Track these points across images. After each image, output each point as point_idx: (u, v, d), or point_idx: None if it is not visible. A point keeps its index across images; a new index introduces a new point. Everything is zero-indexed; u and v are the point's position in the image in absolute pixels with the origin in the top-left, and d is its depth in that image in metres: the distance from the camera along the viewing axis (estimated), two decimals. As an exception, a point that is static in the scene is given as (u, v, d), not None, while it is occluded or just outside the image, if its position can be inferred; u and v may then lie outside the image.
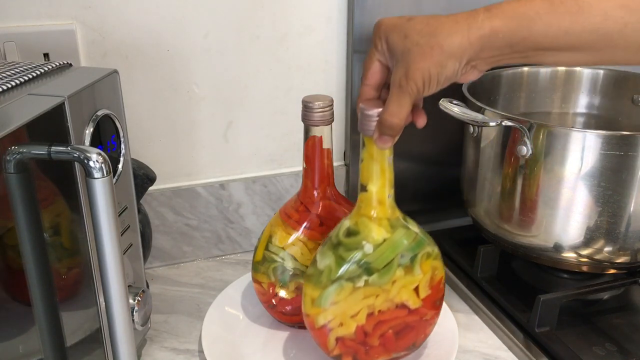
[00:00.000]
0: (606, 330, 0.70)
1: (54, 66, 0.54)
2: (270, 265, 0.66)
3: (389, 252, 0.57)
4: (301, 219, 0.66)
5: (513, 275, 0.81)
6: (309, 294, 0.58)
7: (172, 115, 0.79)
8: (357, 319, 0.58)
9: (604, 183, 0.66)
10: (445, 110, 0.70)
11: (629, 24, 0.44)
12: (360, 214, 0.58)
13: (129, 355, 0.49)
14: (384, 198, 0.57)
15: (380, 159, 0.55)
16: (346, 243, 0.57)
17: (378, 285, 0.57)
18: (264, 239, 0.68)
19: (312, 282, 0.58)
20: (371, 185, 0.57)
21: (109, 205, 0.44)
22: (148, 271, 0.82)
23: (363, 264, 0.57)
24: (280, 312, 0.69)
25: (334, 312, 0.57)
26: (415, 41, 0.48)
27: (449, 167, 0.90)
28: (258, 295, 0.70)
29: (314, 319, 0.58)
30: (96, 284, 0.53)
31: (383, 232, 0.57)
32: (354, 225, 0.58)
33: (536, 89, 0.89)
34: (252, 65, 0.80)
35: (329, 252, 0.58)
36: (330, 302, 0.57)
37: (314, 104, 0.62)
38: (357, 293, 0.57)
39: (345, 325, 0.58)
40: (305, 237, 0.66)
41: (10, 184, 0.42)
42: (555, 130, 0.67)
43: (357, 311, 0.58)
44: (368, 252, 0.57)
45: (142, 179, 0.68)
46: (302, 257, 0.66)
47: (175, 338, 0.71)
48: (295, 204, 0.67)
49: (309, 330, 0.60)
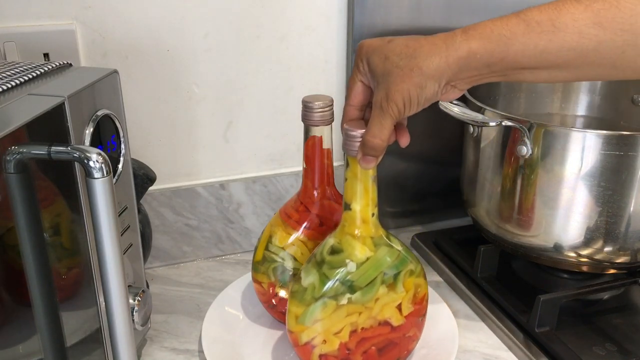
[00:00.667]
0: (606, 330, 0.70)
1: (54, 66, 0.54)
2: (270, 265, 0.67)
3: (372, 271, 0.57)
4: (301, 219, 0.66)
5: (513, 275, 0.81)
6: (293, 311, 0.59)
7: (172, 115, 0.79)
8: (340, 336, 0.58)
9: (604, 183, 0.66)
10: (445, 111, 0.70)
11: (603, 41, 0.45)
12: (344, 232, 0.58)
13: (129, 356, 0.49)
14: (367, 217, 0.58)
15: (364, 179, 0.56)
16: (330, 261, 0.58)
17: (361, 303, 0.58)
18: (264, 239, 0.68)
19: (297, 299, 0.58)
20: (355, 204, 0.57)
21: (109, 205, 0.44)
22: (148, 271, 0.82)
23: (346, 282, 0.57)
24: (280, 312, 0.69)
25: (318, 329, 0.58)
26: (395, 63, 0.49)
27: (449, 167, 0.90)
28: (258, 295, 0.70)
29: (298, 336, 0.59)
30: (96, 284, 0.53)
31: (366, 251, 0.58)
32: (337, 243, 0.58)
33: (536, 89, 0.89)
34: (252, 65, 0.80)
35: (313, 270, 0.58)
36: (314, 319, 0.57)
37: (314, 104, 0.62)
38: (340, 311, 0.57)
39: (329, 342, 0.59)
40: (305, 237, 0.66)
41: (10, 184, 0.42)
42: (555, 130, 0.67)
43: (340, 328, 0.58)
44: (351, 271, 0.57)
45: (142, 179, 0.68)
46: (302, 257, 0.66)
47: (175, 338, 0.71)
48: (295, 204, 0.67)
49: (292, 346, 0.61)
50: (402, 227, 0.94)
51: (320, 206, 0.66)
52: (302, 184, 0.67)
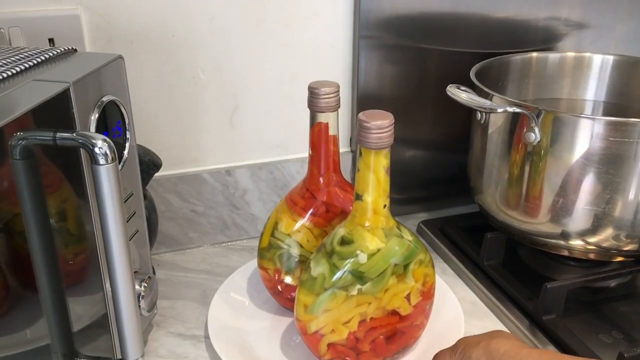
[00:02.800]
0: (613, 318, 0.70)
1: (59, 51, 0.54)
2: (276, 252, 0.67)
3: (383, 262, 0.57)
4: (307, 206, 0.66)
5: (519, 262, 0.80)
6: (302, 300, 0.58)
7: (178, 101, 0.78)
8: (349, 326, 0.58)
9: (613, 170, 0.65)
10: (453, 97, 0.70)
11: None
12: (354, 222, 0.58)
13: (135, 341, 0.49)
14: (379, 208, 0.57)
15: (377, 170, 0.55)
16: (340, 252, 0.57)
17: (371, 294, 0.58)
18: (269, 225, 0.68)
19: (306, 289, 0.58)
20: (367, 196, 0.56)
21: (114, 191, 0.44)
22: (154, 257, 0.82)
23: (357, 272, 0.57)
24: (285, 298, 0.69)
25: (326, 319, 0.58)
26: None
27: (455, 154, 0.89)
28: (264, 281, 0.70)
29: (306, 325, 0.59)
30: (102, 270, 0.53)
31: (377, 242, 0.57)
32: (348, 234, 0.58)
33: (545, 75, 0.88)
34: (258, 50, 0.79)
35: (322, 260, 0.58)
36: (323, 309, 0.57)
37: (320, 90, 0.61)
38: (350, 301, 0.57)
39: (337, 331, 0.59)
40: (311, 224, 0.66)
41: (16, 170, 0.42)
42: (563, 116, 0.66)
43: (350, 318, 0.58)
44: (362, 262, 0.57)
45: (148, 165, 0.68)
46: (308, 244, 0.66)
47: (181, 324, 0.71)
48: (301, 191, 0.67)
49: (300, 334, 0.61)
50: (408, 214, 0.94)
51: (326, 193, 0.66)
52: (308, 170, 0.67)
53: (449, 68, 0.86)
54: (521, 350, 0.52)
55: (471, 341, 0.56)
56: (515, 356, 0.52)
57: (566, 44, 0.91)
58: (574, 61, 0.88)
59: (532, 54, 0.87)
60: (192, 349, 0.67)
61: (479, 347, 0.54)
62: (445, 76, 0.77)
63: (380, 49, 0.82)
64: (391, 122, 0.53)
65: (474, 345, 0.55)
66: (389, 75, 0.84)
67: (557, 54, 0.88)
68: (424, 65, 0.86)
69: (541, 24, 0.89)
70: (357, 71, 0.83)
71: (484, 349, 0.54)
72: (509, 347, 0.53)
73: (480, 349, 0.54)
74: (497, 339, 0.54)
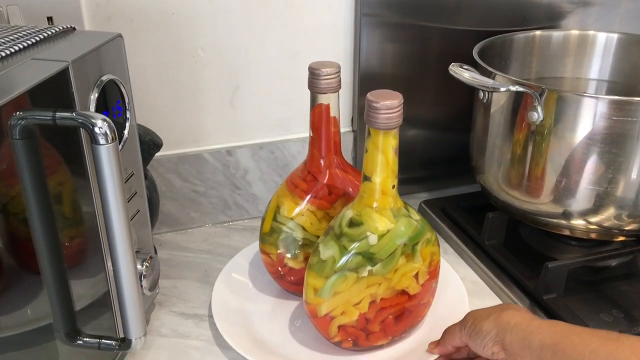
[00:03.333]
0: (613, 297, 0.70)
1: (58, 30, 0.53)
2: (279, 236, 0.66)
3: (393, 243, 0.57)
4: (309, 189, 0.66)
5: (521, 242, 0.80)
6: (311, 284, 0.58)
7: (178, 81, 0.78)
8: (359, 307, 0.59)
9: (616, 150, 0.65)
10: (455, 76, 0.69)
11: None
12: (363, 204, 0.58)
13: (137, 320, 0.50)
14: (388, 189, 0.57)
15: (386, 150, 0.55)
16: (349, 234, 0.57)
17: (381, 275, 0.58)
18: (271, 209, 0.67)
19: (314, 272, 0.58)
20: (375, 177, 0.56)
21: (115, 171, 0.44)
22: (156, 237, 0.82)
23: (367, 254, 0.57)
24: (288, 282, 0.69)
25: (337, 301, 0.58)
26: None
27: (457, 134, 0.89)
28: (266, 266, 0.70)
29: (316, 308, 0.59)
30: (104, 250, 0.53)
31: (386, 223, 0.57)
32: (357, 215, 0.58)
33: (549, 53, 0.87)
34: (259, 29, 0.78)
35: (332, 243, 0.58)
36: (334, 292, 0.57)
37: (321, 70, 0.60)
38: (360, 282, 0.57)
39: (348, 313, 0.59)
40: (314, 207, 0.66)
41: (16, 149, 0.42)
42: (566, 95, 0.66)
43: (360, 300, 0.58)
44: (372, 243, 0.57)
45: (149, 145, 0.68)
46: (312, 227, 0.66)
47: (183, 303, 0.71)
48: (303, 173, 0.67)
49: (309, 317, 0.61)
50: (410, 194, 0.94)
51: (328, 175, 0.66)
52: (309, 152, 0.66)
53: (452, 46, 0.85)
54: (532, 322, 0.53)
55: (481, 314, 0.56)
56: (526, 328, 0.52)
57: (570, 21, 0.90)
58: (577, 39, 0.87)
59: (536, 32, 0.86)
60: (194, 328, 0.68)
61: (489, 320, 0.55)
62: (447, 55, 0.76)
63: (382, 28, 0.81)
64: (400, 102, 0.53)
65: (484, 318, 0.55)
66: (390, 54, 0.84)
67: (560, 32, 0.87)
68: (426, 44, 0.85)
69: (545, 2, 0.88)
70: (359, 50, 0.82)
71: (495, 322, 0.54)
72: (519, 319, 0.53)
73: (491, 321, 0.55)
74: (508, 312, 0.55)
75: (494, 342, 0.54)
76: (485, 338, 0.54)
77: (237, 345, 0.61)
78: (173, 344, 0.66)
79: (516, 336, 0.52)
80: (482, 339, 0.55)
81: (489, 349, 0.54)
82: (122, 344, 0.50)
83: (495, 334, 0.54)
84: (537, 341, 0.50)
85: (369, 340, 0.61)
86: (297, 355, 0.63)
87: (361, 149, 0.88)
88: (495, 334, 0.54)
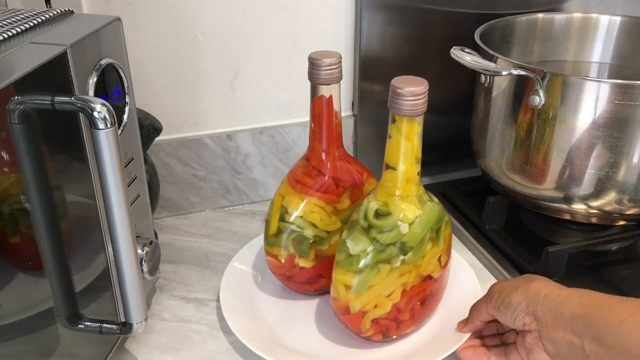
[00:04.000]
0: (613, 282, 0.70)
1: (56, 13, 0.53)
2: (290, 237, 0.63)
3: (422, 229, 0.56)
4: (316, 184, 0.63)
5: (521, 226, 0.80)
6: (341, 280, 0.57)
7: (178, 65, 0.77)
8: (392, 298, 0.58)
9: (617, 134, 0.65)
10: (457, 59, 0.69)
11: None
12: (388, 193, 0.56)
13: (138, 305, 0.50)
14: (413, 176, 0.56)
15: (411, 136, 0.54)
16: (379, 225, 0.56)
17: (412, 262, 0.57)
18: (275, 210, 0.64)
19: (343, 268, 0.57)
20: (402, 164, 0.55)
21: (114, 156, 0.44)
22: (156, 221, 0.82)
23: (399, 243, 0.56)
24: (297, 283, 0.67)
25: (370, 295, 0.57)
26: None
27: (459, 118, 0.88)
28: (273, 268, 0.67)
29: (349, 305, 0.57)
30: (105, 235, 0.53)
31: (414, 210, 0.56)
32: (383, 206, 0.56)
33: (551, 36, 0.86)
34: (258, 13, 0.78)
35: (361, 237, 0.56)
36: (368, 285, 0.56)
37: (322, 61, 0.58)
38: (393, 273, 0.56)
39: (381, 305, 0.58)
40: (323, 202, 0.63)
41: (15, 134, 0.42)
42: (569, 79, 0.66)
43: (392, 290, 0.57)
44: (404, 232, 0.56)
45: (148, 130, 0.68)
46: (322, 222, 0.63)
47: (184, 287, 0.72)
48: (306, 169, 0.64)
49: (338, 315, 0.59)
50: (411, 178, 0.94)
51: (333, 168, 0.63)
52: (310, 145, 0.64)
53: (453, 29, 0.84)
54: (561, 291, 0.52)
55: (507, 287, 0.56)
56: (556, 298, 0.52)
57: (572, 4, 0.90)
58: (580, 22, 0.86)
59: (538, 15, 0.85)
60: (195, 312, 0.68)
61: (518, 292, 0.54)
62: (449, 38, 0.76)
63: (383, 10, 0.81)
64: (426, 88, 0.52)
65: (512, 290, 0.55)
66: (391, 37, 0.83)
67: (563, 14, 0.86)
68: (428, 27, 0.84)
69: (547, -16, 0.87)
70: (360, 33, 0.82)
71: (524, 293, 0.54)
72: (549, 290, 0.53)
73: (520, 293, 0.54)
74: (535, 283, 0.54)
75: (525, 314, 0.53)
76: (515, 310, 0.54)
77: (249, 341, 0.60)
78: (174, 328, 0.66)
79: (547, 307, 0.52)
80: (512, 311, 0.54)
81: (520, 320, 0.54)
82: (123, 328, 0.50)
83: (525, 305, 0.53)
84: (569, 311, 0.50)
85: (399, 330, 0.61)
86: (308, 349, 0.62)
87: (362, 134, 0.88)
88: (526, 305, 0.53)
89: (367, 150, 0.89)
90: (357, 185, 0.65)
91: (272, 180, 0.87)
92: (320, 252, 0.65)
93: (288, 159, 0.87)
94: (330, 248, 0.65)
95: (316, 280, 0.66)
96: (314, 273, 0.66)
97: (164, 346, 0.63)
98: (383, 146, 0.56)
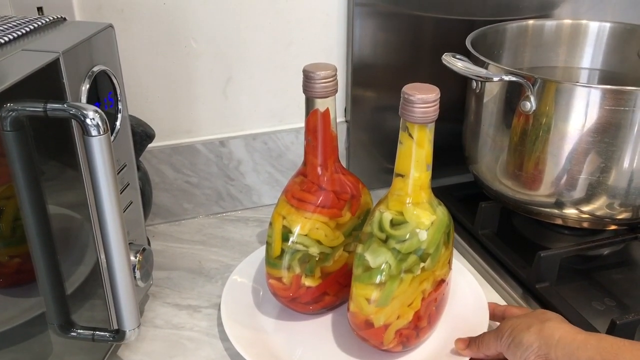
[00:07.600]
0: (605, 286, 0.71)
1: (48, 20, 0.53)
2: (295, 257, 0.61)
3: (438, 234, 0.56)
4: (316, 199, 0.61)
5: (513, 231, 0.81)
6: (362, 295, 0.56)
7: (170, 71, 0.77)
8: (413, 307, 0.57)
9: (608, 139, 0.65)
10: (448, 65, 0.69)
11: None
12: (400, 201, 0.56)
13: (131, 312, 0.49)
14: (426, 182, 0.56)
15: (423, 142, 0.54)
16: (396, 235, 0.55)
17: (430, 269, 0.56)
18: (277, 232, 0.61)
19: (364, 283, 0.55)
20: (414, 171, 0.55)
21: (107, 163, 0.44)
22: (149, 228, 0.82)
23: (419, 251, 0.55)
24: (301, 304, 0.64)
25: (394, 306, 0.56)
26: None
27: (450, 123, 0.88)
28: (277, 291, 0.64)
29: (374, 319, 0.56)
30: (97, 242, 0.53)
31: (429, 216, 0.56)
32: (397, 215, 0.56)
33: (541, 43, 0.87)
34: (251, 19, 0.78)
35: (380, 249, 0.55)
36: (392, 297, 0.55)
37: (316, 74, 0.57)
38: (414, 282, 0.56)
39: (403, 316, 0.57)
40: (326, 217, 0.61)
41: (7, 141, 0.42)
42: (559, 85, 0.66)
43: (414, 299, 0.57)
44: (423, 239, 0.55)
45: (141, 136, 0.68)
46: (327, 238, 0.62)
47: (177, 294, 0.72)
48: (305, 185, 0.62)
49: (357, 331, 0.58)
50: (403, 184, 0.94)
51: (332, 182, 0.62)
52: (305, 161, 0.62)
53: (445, 36, 0.85)
54: (577, 336, 0.50)
55: (519, 325, 0.54)
56: (571, 343, 0.50)
57: (562, 11, 0.90)
58: (570, 29, 0.87)
59: (528, 22, 0.86)
60: (188, 319, 0.68)
61: (530, 332, 0.52)
62: (440, 44, 0.76)
63: (375, 17, 0.81)
64: (437, 95, 0.52)
65: (524, 329, 0.53)
66: (383, 43, 0.83)
67: (553, 21, 0.87)
68: (419, 33, 0.85)
69: (538, -9, 0.88)
70: (352, 39, 0.82)
71: (537, 334, 0.52)
72: (563, 333, 0.51)
73: (532, 334, 0.52)
74: (549, 323, 0.52)
75: (537, 356, 0.52)
76: (526, 351, 0.52)
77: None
78: (167, 335, 0.66)
79: (562, 351, 0.50)
80: (522, 351, 0.52)
81: None
82: (116, 336, 0.50)
83: (537, 346, 0.52)
84: (585, 358, 0.49)
85: (418, 337, 0.60)
86: None
87: (354, 140, 0.88)
88: (538, 346, 0.52)
89: (359, 156, 0.89)
90: (355, 197, 0.64)
91: (265, 186, 0.87)
92: (325, 268, 0.63)
93: (281, 165, 0.87)
94: (334, 264, 0.64)
95: (321, 298, 0.65)
96: (319, 292, 0.64)
97: (157, 353, 0.63)
98: (376, 151, 0.56)
